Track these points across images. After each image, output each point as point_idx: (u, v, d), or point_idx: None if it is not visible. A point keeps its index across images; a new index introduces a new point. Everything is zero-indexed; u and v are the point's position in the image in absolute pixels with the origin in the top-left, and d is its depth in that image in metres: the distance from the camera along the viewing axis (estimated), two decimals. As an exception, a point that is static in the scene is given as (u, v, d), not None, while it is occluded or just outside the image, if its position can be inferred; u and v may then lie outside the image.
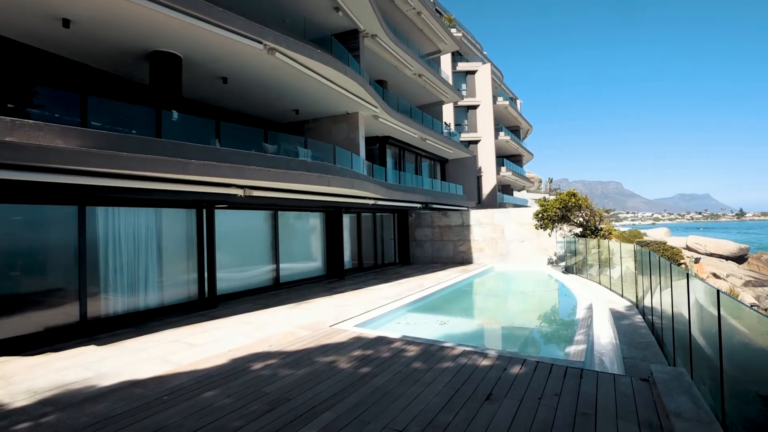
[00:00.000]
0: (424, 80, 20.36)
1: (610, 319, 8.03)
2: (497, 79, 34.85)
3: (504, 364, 5.23)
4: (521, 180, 36.00)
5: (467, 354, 5.69)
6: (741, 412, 3.34)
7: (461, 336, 8.55)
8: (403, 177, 17.93)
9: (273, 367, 5.33)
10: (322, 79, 11.39)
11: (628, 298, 9.75)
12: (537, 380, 4.69)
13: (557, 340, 8.54)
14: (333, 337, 6.85)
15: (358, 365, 5.36)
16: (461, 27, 31.67)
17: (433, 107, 23.84)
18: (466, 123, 30.29)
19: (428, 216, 20.48)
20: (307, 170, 9.89)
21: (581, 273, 14.08)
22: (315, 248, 14.55)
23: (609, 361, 5.68)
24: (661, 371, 4.56)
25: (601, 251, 12.26)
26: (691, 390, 4.09)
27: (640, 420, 3.74)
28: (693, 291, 4.47)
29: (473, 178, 26.87)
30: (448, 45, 23.15)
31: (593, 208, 15.48)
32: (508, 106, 32.58)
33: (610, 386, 4.48)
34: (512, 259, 18.38)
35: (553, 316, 10.96)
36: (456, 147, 23.03)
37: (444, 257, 19.99)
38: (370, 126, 16.35)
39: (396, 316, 9.46)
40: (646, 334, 6.97)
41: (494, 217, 18.96)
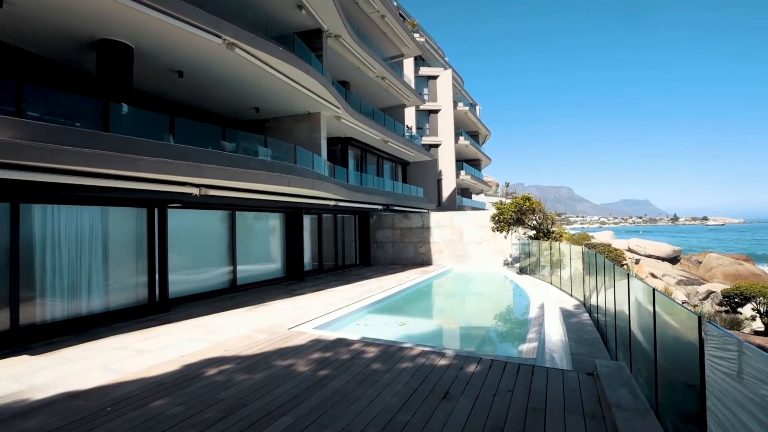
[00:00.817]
0: (386, 83, 20.52)
1: (560, 317, 8.46)
2: (458, 84, 35.76)
3: (461, 363, 5.38)
4: (479, 184, 37.12)
5: (425, 354, 5.79)
6: (672, 400, 3.63)
7: (420, 336, 8.68)
8: (365, 178, 17.96)
9: (228, 373, 5.16)
10: (284, 78, 11.19)
11: (577, 297, 10.32)
12: (492, 378, 4.86)
13: (511, 338, 8.88)
14: (292, 340, 6.73)
15: (317, 368, 5.31)
16: (424, 32, 32.22)
17: (395, 110, 24.07)
18: (427, 127, 30.83)
19: (389, 218, 20.63)
20: (267, 170, 9.67)
21: (534, 274, 14.73)
22: (274, 249, 14.24)
23: (559, 357, 5.98)
24: (604, 365, 4.87)
25: (553, 253, 12.89)
26: (630, 382, 4.40)
27: (585, 412, 3.98)
28: (633, 290, 4.81)
29: (434, 180, 27.38)
30: (411, 49, 23.48)
31: (546, 212, 16.25)
32: (468, 111, 33.51)
33: (559, 381, 4.73)
34: (470, 261, 18.90)
35: (508, 315, 11.38)
36: (417, 150, 23.37)
37: (404, 258, 20.21)
38: (332, 127, 16.24)
39: (356, 318, 9.45)
40: (592, 330, 7.42)
41: (453, 220, 19.42)
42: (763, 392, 1.99)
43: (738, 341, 2.25)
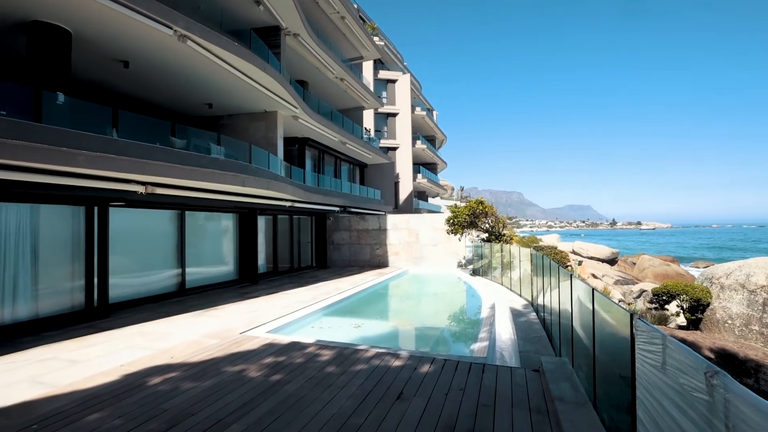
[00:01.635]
0: (345, 84, 20.46)
1: (510, 317, 8.84)
2: (416, 89, 36.39)
3: (415, 364, 5.47)
4: (436, 187, 37.93)
5: (380, 356, 5.83)
6: (608, 392, 3.90)
7: (376, 338, 8.72)
8: (322, 180, 17.79)
9: (174, 381, 4.91)
10: (240, 74, 10.85)
11: (525, 297, 10.82)
12: (444, 377, 4.98)
13: (464, 338, 9.14)
14: (243, 344, 6.52)
15: (269, 373, 5.18)
16: (384, 36, 32.50)
17: (353, 112, 24.05)
18: (385, 130, 31.08)
19: (346, 219, 20.56)
20: (220, 168, 9.32)
21: (487, 275, 15.27)
22: (227, 251, 13.73)
23: (508, 355, 6.24)
24: (549, 362, 5.15)
25: (504, 255, 13.44)
26: (571, 377, 4.68)
27: (531, 406, 4.18)
28: (575, 290, 5.13)
29: (391, 183, 27.63)
30: (371, 52, 23.58)
31: (498, 216, 16.91)
32: (425, 116, 34.18)
33: (508, 378, 4.94)
34: (426, 263, 19.25)
35: (461, 316, 11.70)
36: (375, 152, 23.49)
37: (361, 260, 20.21)
38: (289, 126, 15.94)
39: (311, 321, 9.33)
40: (539, 329, 7.81)
41: (410, 222, 19.70)
42: (682, 381, 2.20)
43: (663, 336, 2.47)
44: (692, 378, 2.09)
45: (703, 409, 2.00)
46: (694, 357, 2.09)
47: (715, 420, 1.89)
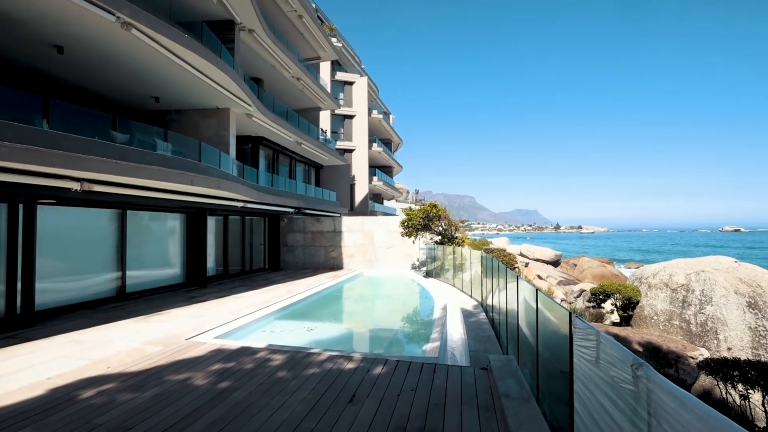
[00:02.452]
0: (302, 84, 20.17)
1: (461, 317, 9.11)
2: (373, 92, 36.58)
3: (368, 366, 5.49)
4: (391, 190, 38.30)
5: (333, 358, 5.80)
6: (549, 387, 4.13)
7: (329, 341, 8.65)
8: (276, 180, 17.39)
9: (110, 393, 4.58)
10: (190, 68, 10.36)
11: (476, 298, 11.20)
12: (397, 378, 5.04)
13: (417, 339, 9.30)
14: (189, 351, 6.22)
15: (217, 380, 4.98)
16: (342, 38, 32.39)
17: (310, 112, 23.75)
18: (342, 131, 30.97)
19: (301, 221, 20.23)
20: (166, 166, 8.84)
21: (439, 277, 15.64)
22: (173, 253, 13.02)
23: (459, 354, 6.43)
24: (496, 360, 5.37)
25: (456, 257, 13.84)
26: (517, 374, 4.91)
27: (479, 403, 4.34)
28: (521, 290, 5.39)
29: (347, 185, 27.55)
30: (328, 53, 23.43)
31: (451, 219, 17.38)
32: (382, 119, 34.45)
33: (458, 377, 5.09)
34: (380, 265, 19.37)
35: (414, 317, 11.89)
36: (331, 154, 23.33)
37: (315, 263, 19.96)
38: (242, 124, 15.45)
39: (262, 325, 9.08)
40: (488, 328, 8.11)
41: (365, 225, 19.74)
42: (613, 373, 2.39)
43: (597, 332, 2.67)
44: (621, 371, 2.28)
45: (629, 398, 2.19)
46: (623, 351, 2.29)
47: (639, 408, 2.08)
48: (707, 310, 10.71)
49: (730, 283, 10.68)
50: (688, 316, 11.00)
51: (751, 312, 10.04)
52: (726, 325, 10.27)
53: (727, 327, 10.23)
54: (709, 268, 11.42)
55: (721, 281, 10.81)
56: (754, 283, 10.35)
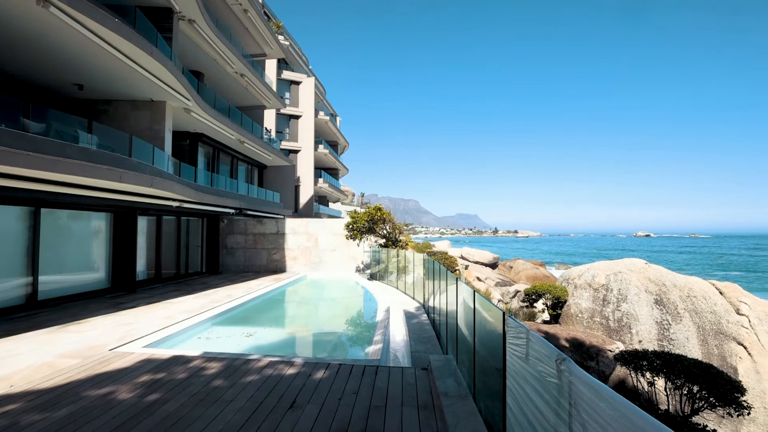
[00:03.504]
0: (246, 81, 19.44)
1: (404, 319, 9.27)
2: (320, 93, 36.18)
3: (309, 371, 5.40)
4: (336, 192, 38.06)
5: (273, 364, 5.63)
6: (485, 384, 4.34)
7: (270, 346, 8.39)
8: (216, 179, 16.58)
9: (13, 415, 4.09)
10: (120, 55, 9.57)
11: (418, 300, 11.46)
12: (339, 382, 5.02)
13: (360, 341, 9.31)
14: (113, 363, 5.72)
15: (144, 393, 4.63)
16: (289, 36, 31.71)
17: (254, 110, 22.96)
18: (287, 131, 30.27)
19: (242, 223, 19.45)
20: (91, 160, 8.08)
21: (383, 279, 15.80)
22: (97, 256, 11.91)
23: (401, 356, 6.53)
24: (437, 360, 5.53)
25: (399, 260, 14.06)
26: (455, 372, 5.10)
27: (419, 403, 4.44)
28: (460, 292, 5.61)
29: (291, 186, 26.95)
30: (275, 51, 22.82)
31: (395, 222, 17.64)
32: (329, 121, 34.16)
33: (399, 378, 5.17)
34: (324, 268, 19.16)
35: (357, 320, 11.89)
36: (275, 154, 22.71)
37: (257, 266, 19.29)
38: (180, 120, 14.56)
39: (198, 331, 8.59)
40: (429, 329, 8.33)
41: (309, 227, 19.44)
42: (540, 369, 2.57)
43: (526, 330, 2.85)
44: (547, 366, 2.46)
45: (554, 391, 2.36)
46: (549, 348, 2.47)
47: (562, 399, 2.25)
48: (623, 307, 11.86)
49: (641, 283, 11.92)
50: (608, 313, 12.10)
51: (658, 308, 11.28)
52: (638, 320, 11.43)
53: (639, 322, 11.40)
54: (624, 269, 12.66)
55: (634, 281, 12.03)
56: (660, 282, 11.65)
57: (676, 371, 6.84)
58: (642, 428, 1.52)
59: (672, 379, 6.86)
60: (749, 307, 10.16)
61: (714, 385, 6.56)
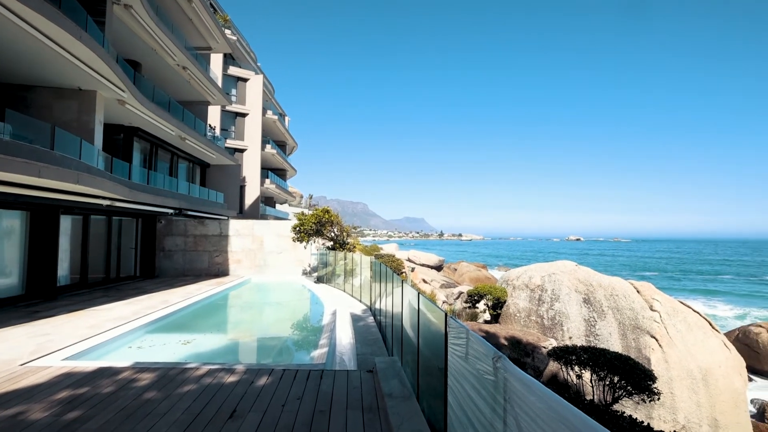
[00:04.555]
0: (188, 74, 18.44)
1: (350, 322, 9.26)
2: (269, 92, 35.21)
3: (252, 378, 5.23)
4: (284, 194, 37.18)
5: (213, 373, 5.39)
6: (429, 384, 4.46)
7: (209, 354, 8.01)
8: (154, 177, 15.55)
9: None
10: (42, 37, 8.71)
11: (365, 303, 11.50)
12: (282, 388, 4.91)
13: (306, 345, 9.16)
14: (24, 379, 5.16)
15: (62, 411, 4.23)
16: (237, 31, 30.54)
17: (197, 106, 21.84)
18: (233, 129, 29.11)
19: (182, 223, 18.39)
20: (3, 152, 7.25)
21: (330, 282, 15.66)
22: (9, 260, 10.68)
23: (348, 359, 6.53)
24: (382, 361, 5.60)
25: (347, 263, 14.03)
26: (400, 374, 5.18)
27: (364, 406, 4.47)
28: (406, 294, 5.73)
29: (236, 187, 25.93)
30: (221, 45, 21.89)
31: (343, 225, 17.58)
32: (277, 120, 33.31)
33: (344, 382, 5.16)
34: (270, 271, 18.63)
35: (303, 323, 11.69)
36: (220, 152, 21.75)
37: (198, 269, 18.32)
38: (114, 112, 13.49)
39: (129, 341, 7.99)
40: (376, 332, 8.39)
41: (254, 229, 18.82)
42: (478, 367, 2.70)
43: (466, 330, 2.98)
44: (485, 364, 2.58)
45: (490, 387, 2.50)
46: (487, 346, 2.60)
47: (498, 395, 2.38)
48: (556, 307, 12.72)
49: (572, 283, 12.87)
50: (542, 312, 12.91)
51: (586, 306, 12.25)
52: (569, 318, 12.32)
53: (569, 320, 12.29)
54: (557, 271, 13.60)
55: (566, 282, 12.97)
56: (588, 283, 12.66)
57: (600, 364, 7.46)
58: (566, 417, 1.66)
59: (597, 371, 7.47)
60: (660, 304, 11.33)
61: (631, 375, 7.23)
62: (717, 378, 10.40)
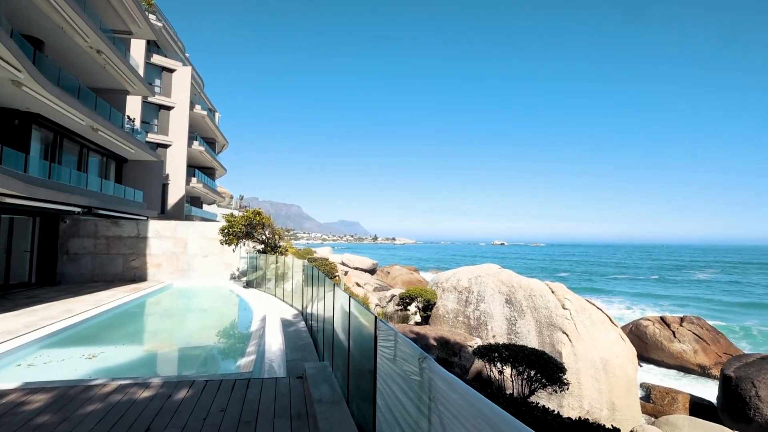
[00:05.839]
0: (104, 59, 16.70)
1: (281, 327, 8.99)
2: (197, 85, 33.09)
3: (169, 391, 4.85)
4: (212, 194, 35.11)
5: (124, 389, 4.91)
6: (359, 387, 4.47)
7: (121, 368, 7.29)
8: (58, 171, 13.83)
9: None
10: None
11: (296, 307, 11.24)
12: (204, 400, 4.62)
13: (232, 354, 8.72)
14: None
15: (-70, 441, 3.59)
16: (163, 17, 28.31)
17: (114, 95, 19.85)
18: (156, 123, 26.89)
19: (91, 224, 16.57)
20: None
21: (261, 287, 15.09)
22: None
23: (277, 366, 6.33)
24: (312, 367, 5.51)
25: (279, 266, 13.63)
26: (330, 378, 5.14)
27: (292, 413, 4.36)
28: (337, 298, 5.70)
29: (158, 185, 23.95)
30: (143, 30, 20.14)
31: (275, 227, 17.06)
32: (206, 116, 31.41)
33: (272, 389, 5.00)
34: (194, 275, 17.48)
35: (231, 331, 11.12)
36: (139, 147, 19.95)
37: (110, 274, 16.62)
38: (6, 94, 11.79)
39: (18, 358, 7.00)
40: (306, 336, 8.24)
41: (177, 230, 17.55)
42: (406, 368, 2.77)
43: (394, 332, 3.05)
44: (411, 365, 2.66)
45: (416, 387, 2.57)
46: (413, 348, 2.68)
47: (423, 394, 2.47)
48: (481, 307, 13.48)
49: (496, 285, 13.74)
50: (469, 312, 13.60)
51: (508, 307, 13.14)
52: (493, 318, 13.12)
53: (493, 319, 13.09)
54: (483, 273, 14.44)
55: (490, 284, 13.81)
56: (510, 284, 13.61)
57: (519, 360, 8.04)
58: (484, 413, 1.76)
59: (516, 366, 8.04)
60: (571, 302, 12.54)
61: (545, 369, 7.90)
62: (614, 367, 11.72)
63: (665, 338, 19.13)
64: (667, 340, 19.05)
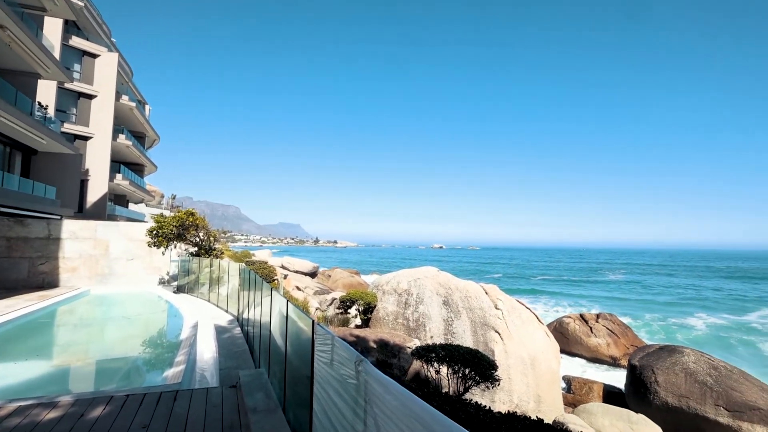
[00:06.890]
0: (9, 36, 14.81)
1: (214, 334, 8.54)
2: (125, 74, 30.45)
3: (81, 410, 4.41)
4: (140, 192, 32.47)
5: (24, 410, 4.37)
6: (296, 393, 4.38)
7: (21, 388, 6.48)
8: (-55, 161, 12.01)
9: None
10: None
11: (232, 313, 10.75)
12: (124, 417, 4.26)
13: (159, 364, 8.12)
14: None
15: None
16: (83, -3, 25.72)
17: (22, 77, 17.65)
18: (74, 112, 24.33)
19: (-11, 223, 14.60)
20: None
21: (193, 292, 14.22)
22: None
23: (209, 375, 6.00)
24: (246, 375, 5.30)
25: (213, 270, 12.94)
26: (266, 386, 4.98)
27: (224, 424, 4.16)
28: (275, 302, 5.55)
29: (76, 180, 21.64)
30: (60, 8, 18.14)
31: (210, 229, 16.18)
32: (135, 108, 29.00)
33: (203, 401, 4.74)
34: (117, 280, 16.05)
35: (158, 339, 10.35)
36: (52, 137, 17.90)
37: (12, 280, 14.74)
38: None
39: None
40: (242, 343, 7.91)
41: (98, 231, 16.03)
42: (342, 372, 2.77)
43: (332, 336, 3.04)
44: (348, 368, 2.67)
45: (353, 391, 2.59)
46: (350, 351, 2.69)
47: (359, 398, 2.49)
48: (420, 309, 13.82)
49: (434, 287, 14.18)
50: (408, 314, 13.89)
51: (445, 308, 13.61)
52: (431, 319, 13.51)
53: (431, 320, 13.49)
54: (422, 276, 14.83)
55: (429, 286, 14.22)
56: (447, 286, 14.12)
57: (455, 359, 8.36)
58: (417, 413, 1.82)
59: (452, 365, 8.34)
60: (503, 303, 13.29)
61: (479, 366, 8.28)
62: (540, 362, 12.60)
63: (584, 333, 20.95)
64: (585, 335, 20.87)
